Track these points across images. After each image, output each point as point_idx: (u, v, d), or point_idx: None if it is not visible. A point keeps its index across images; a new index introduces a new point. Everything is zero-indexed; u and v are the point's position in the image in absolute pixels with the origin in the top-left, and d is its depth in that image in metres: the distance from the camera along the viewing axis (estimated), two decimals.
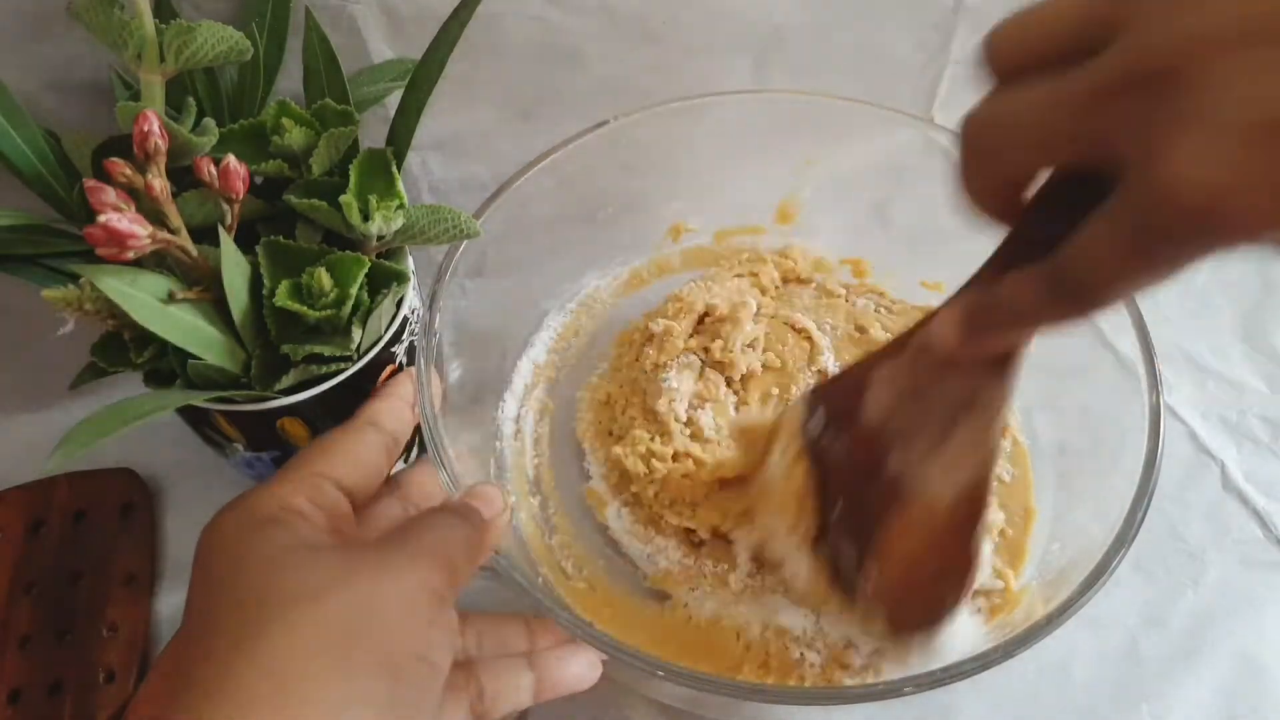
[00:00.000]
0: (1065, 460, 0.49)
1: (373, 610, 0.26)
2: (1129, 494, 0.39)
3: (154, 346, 0.39)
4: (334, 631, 0.25)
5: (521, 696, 0.35)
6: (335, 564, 0.27)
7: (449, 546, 0.30)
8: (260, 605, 0.25)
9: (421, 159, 0.58)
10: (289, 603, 0.25)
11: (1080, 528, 0.43)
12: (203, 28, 0.38)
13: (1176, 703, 0.47)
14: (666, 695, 0.44)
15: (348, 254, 0.41)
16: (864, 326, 0.55)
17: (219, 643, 0.25)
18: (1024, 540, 0.47)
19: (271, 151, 0.42)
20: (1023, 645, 0.35)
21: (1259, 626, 0.50)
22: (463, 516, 0.32)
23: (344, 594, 0.26)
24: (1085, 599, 0.37)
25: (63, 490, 0.53)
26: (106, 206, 0.34)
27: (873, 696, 0.36)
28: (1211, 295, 0.64)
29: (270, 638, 0.24)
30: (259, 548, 0.27)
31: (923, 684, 0.35)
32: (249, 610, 0.25)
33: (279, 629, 0.24)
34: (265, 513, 0.29)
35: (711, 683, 0.36)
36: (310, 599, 0.25)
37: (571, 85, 0.56)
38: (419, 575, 0.28)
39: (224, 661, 0.24)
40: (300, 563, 0.27)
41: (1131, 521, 0.38)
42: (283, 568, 0.26)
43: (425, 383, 0.40)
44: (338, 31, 0.48)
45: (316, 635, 0.25)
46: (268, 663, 0.24)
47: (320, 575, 0.26)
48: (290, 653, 0.24)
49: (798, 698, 0.39)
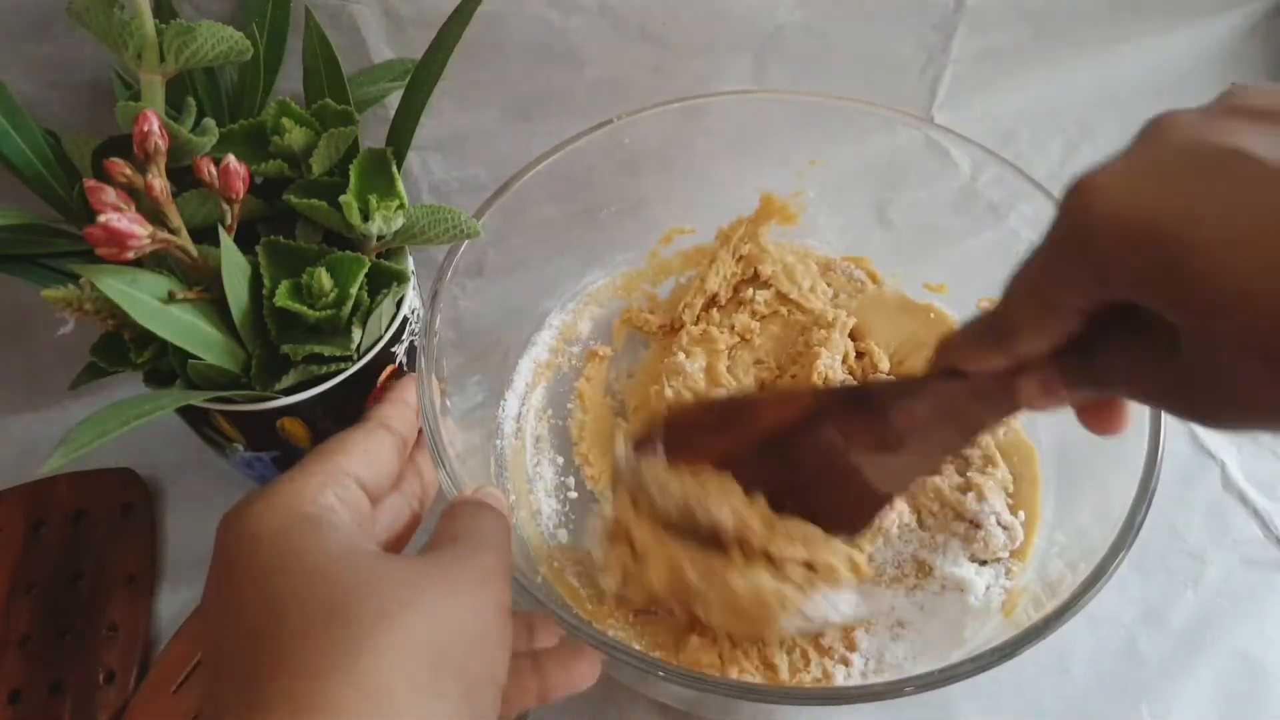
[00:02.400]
0: (1067, 461, 0.49)
1: (453, 633, 0.26)
2: (1129, 496, 0.39)
3: (154, 346, 0.39)
4: (421, 653, 0.25)
5: (526, 699, 0.35)
6: (409, 578, 0.27)
7: (502, 549, 0.30)
8: (346, 624, 0.25)
9: (421, 159, 0.58)
10: (376, 621, 0.25)
11: (1081, 529, 0.43)
12: (203, 28, 0.38)
13: (1176, 702, 0.47)
14: (666, 695, 0.44)
15: (348, 254, 0.41)
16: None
17: (308, 657, 0.24)
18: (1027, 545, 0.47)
19: (271, 151, 0.42)
20: (1021, 646, 0.36)
21: (1259, 626, 0.50)
22: (496, 512, 0.32)
23: (426, 615, 0.26)
24: (1083, 602, 0.37)
25: (63, 490, 0.53)
26: (106, 206, 0.34)
27: (872, 696, 0.36)
28: None
29: (361, 658, 0.24)
30: (310, 547, 0.27)
31: (922, 684, 0.35)
32: (335, 628, 0.25)
33: (368, 649, 0.24)
34: (301, 508, 0.29)
35: (711, 683, 0.36)
36: (396, 618, 0.25)
37: (571, 85, 0.56)
38: (491, 594, 0.28)
39: (317, 678, 0.24)
40: (373, 576, 0.27)
41: (1131, 524, 0.38)
42: (356, 579, 0.26)
43: (426, 384, 0.40)
44: (338, 31, 0.48)
45: (407, 656, 0.25)
46: (361, 681, 0.24)
47: (399, 592, 0.26)
48: (382, 673, 0.24)
49: (796, 698, 0.39)
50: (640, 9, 0.54)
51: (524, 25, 0.52)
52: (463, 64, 0.44)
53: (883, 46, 0.64)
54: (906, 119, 0.54)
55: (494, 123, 0.57)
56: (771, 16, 0.58)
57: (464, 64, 0.45)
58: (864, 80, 0.63)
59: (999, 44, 0.68)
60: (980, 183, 0.55)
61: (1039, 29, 0.68)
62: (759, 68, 0.60)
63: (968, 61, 0.67)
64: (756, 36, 0.59)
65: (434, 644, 0.25)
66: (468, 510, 0.32)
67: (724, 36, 0.58)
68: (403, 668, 0.24)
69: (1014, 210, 0.53)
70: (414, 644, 0.25)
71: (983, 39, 0.66)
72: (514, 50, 0.53)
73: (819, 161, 0.57)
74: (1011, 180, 0.50)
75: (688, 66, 0.58)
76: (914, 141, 0.55)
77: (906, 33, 0.64)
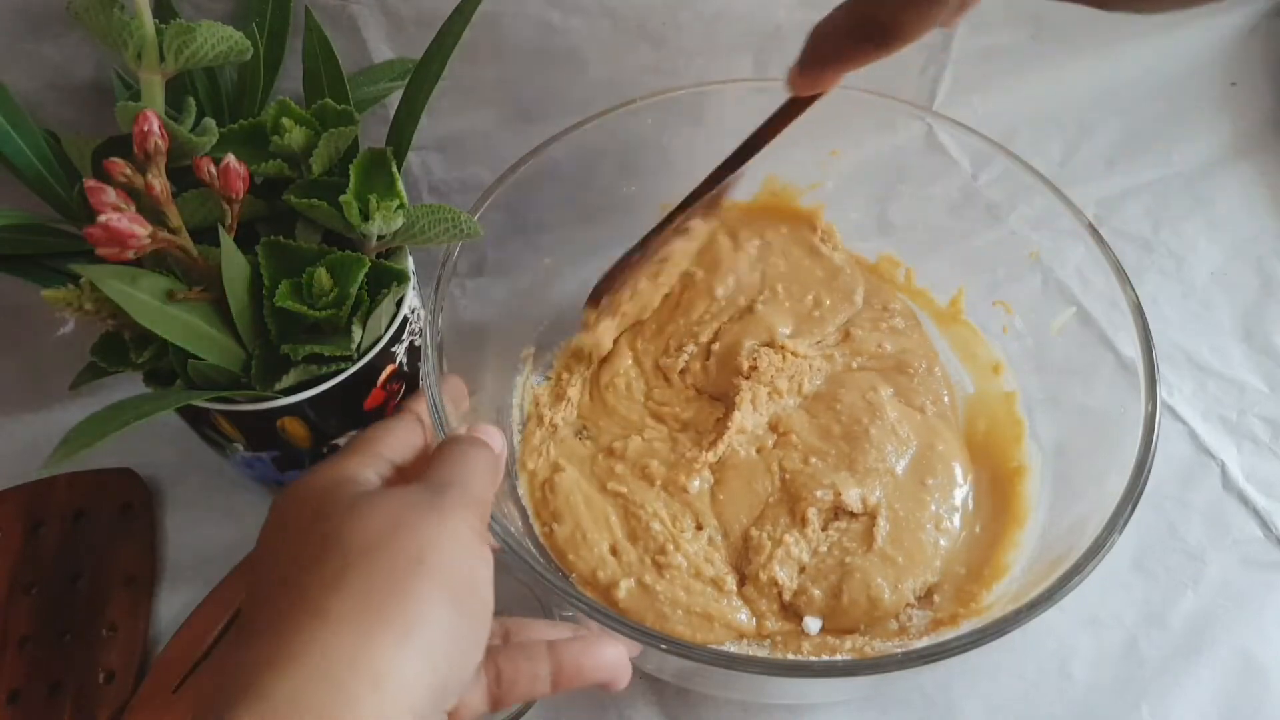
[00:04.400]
0: (1063, 460, 0.49)
1: (430, 549, 0.30)
2: (1119, 493, 0.39)
3: (154, 346, 0.39)
4: (400, 567, 0.29)
5: (539, 684, 0.35)
6: (394, 509, 0.31)
7: (482, 482, 0.34)
8: (343, 553, 0.29)
9: (421, 159, 0.58)
10: (362, 548, 0.29)
11: (1074, 526, 0.43)
12: (203, 28, 0.38)
13: (1176, 703, 0.47)
14: (670, 672, 0.44)
15: (348, 254, 0.41)
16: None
17: (311, 580, 0.29)
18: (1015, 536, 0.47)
19: (271, 151, 0.42)
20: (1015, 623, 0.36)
21: (1259, 626, 0.50)
22: (482, 446, 0.36)
23: (406, 535, 0.30)
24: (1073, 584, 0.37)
25: (63, 490, 0.53)
26: (106, 206, 0.34)
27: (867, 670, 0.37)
28: (1211, 295, 0.64)
29: (350, 578, 0.29)
30: (334, 499, 0.32)
31: (915, 658, 0.35)
32: (332, 559, 0.29)
33: (355, 571, 0.29)
34: (340, 480, 0.33)
35: (712, 655, 0.37)
36: (378, 544, 0.29)
37: (571, 85, 0.56)
38: (464, 516, 0.32)
39: (318, 598, 0.28)
40: (367, 511, 0.31)
41: (1117, 521, 0.38)
42: (353, 516, 0.31)
43: (432, 384, 0.40)
44: (338, 31, 0.48)
45: (388, 570, 0.29)
46: (351, 594, 0.28)
47: (382, 521, 0.30)
48: (369, 585, 0.28)
49: (799, 670, 0.39)
50: (640, 9, 0.54)
51: (524, 25, 0.52)
52: (463, 64, 0.44)
53: None
54: (910, 110, 0.55)
55: (494, 123, 0.57)
56: (771, 16, 0.58)
57: (464, 64, 0.45)
58: (864, 80, 0.62)
59: (999, 44, 0.68)
60: (981, 182, 0.55)
61: (1039, 29, 0.68)
62: (759, 68, 0.60)
63: (968, 61, 0.67)
64: (756, 36, 0.59)
65: (409, 559, 0.29)
66: (454, 443, 0.36)
67: (724, 36, 0.58)
68: (384, 580, 0.29)
69: (1014, 211, 0.53)
70: (391, 561, 0.29)
71: (983, 39, 0.66)
72: (514, 50, 0.53)
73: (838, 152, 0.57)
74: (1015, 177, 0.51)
75: (688, 66, 0.58)
76: (914, 140, 0.55)
77: None
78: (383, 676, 0.27)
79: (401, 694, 0.27)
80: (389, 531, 0.30)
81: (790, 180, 0.58)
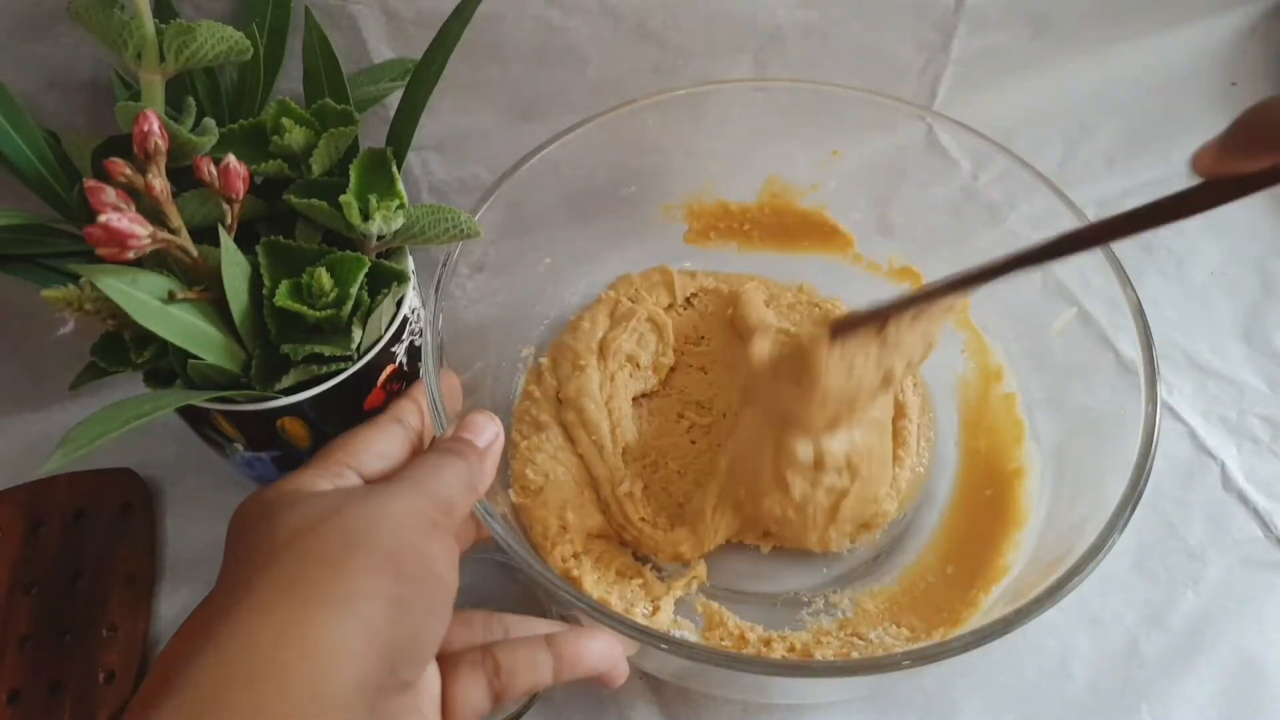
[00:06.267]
0: (1063, 460, 0.49)
1: (370, 522, 0.29)
2: (1119, 492, 0.39)
3: (154, 346, 0.39)
4: (333, 545, 0.28)
5: (539, 674, 0.35)
6: (332, 498, 0.30)
7: (442, 483, 0.33)
8: (274, 542, 0.29)
9: (421, 159, 0.58)
10: (294, 535, 0.29)
11: (1073, 527, 0.43)
12: (203, 28, 0.38)
13: (1176, 703, 0.47)
14: (670, 672, 0.44)
15: (348, 254, 0.41)
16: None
17: (239, 576, 0.29)
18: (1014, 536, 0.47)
19: (271, 151, 0.42)
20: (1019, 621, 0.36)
21: (1259, 626, 0.50)
22: (456, 453, 0.34)
23: (341, 518, 0.29)
24: (1072, 584, 0.37)
25: (63, 490, 0.53)
26: (106, 206, 0.34)
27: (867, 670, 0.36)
28: (1211, 295, 0.64)
29: (279, 563, 0.28)
30: (280, 516, 0.30)
31: (915, 658, 0.35)
32: (263, 553, 0.29)
33: (286, 555, 0.28)
34: (289, 491, 0.32)
35: (713, 654, 0.37)
36: (310, 528, 0.29)
37: (571, 85, 0.56)
38: (412, 502, 0.31)
39: (245, 587, 0.28)
40: (304, 505, 0.30)
41: (1117, 521, 0.38)
42: (291, 511, 0.30)
43: (433, 383, 0.40)
44: (338, 31, 0.48)
45: (319, 550, 0.28)
46: (282, 575, 0.27)
47: (318, 508, 0.30)
48: (298, 566, 0.28)
49: (799, 670, 0.39)
50: (640, 9, 0.54)
51: (524, 25, 0.52)
52: (463, 64, 0.44)
53: (883, 46, 0.64)
54: (911, 109, 0.54)
55: (494, 123, 0.57)
56: (771, 16, 0.58)
57: (464, 64, 0.45)
58: (864, 80, 0.63)
59: (999, 44, 0.68)
60: (981, 182, 0.55)
61: (1039, 29, 0.68)
62: (759, 68, 0.60)
63: (968, 61, 0.67)
64: (756, 36, 0.59)
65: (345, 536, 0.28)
66: (426, 453, 0.35)
67: (724, 36, 0.58)
68: (313, 559, 0.28)
69: (1014, 211, 0.53)
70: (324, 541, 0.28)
71: (983, 39, 0.66)
72: (514, 50, 0.53)
73: (839, 152, 0.57)
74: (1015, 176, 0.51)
75: (688, 66, 0.58)
76: (915, 140, 0.55)
77: (906, 33, 0.64)
78: (312, 645, 0.26)
79: (337, 661, 0.26)
80: (325, 517, 0.29)
81: (791, 180, 0.58)
